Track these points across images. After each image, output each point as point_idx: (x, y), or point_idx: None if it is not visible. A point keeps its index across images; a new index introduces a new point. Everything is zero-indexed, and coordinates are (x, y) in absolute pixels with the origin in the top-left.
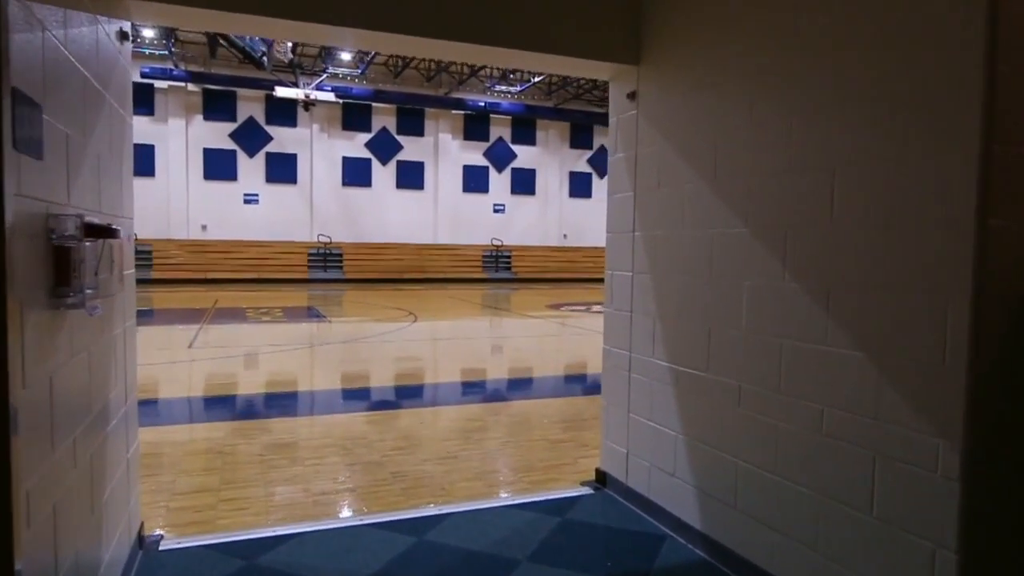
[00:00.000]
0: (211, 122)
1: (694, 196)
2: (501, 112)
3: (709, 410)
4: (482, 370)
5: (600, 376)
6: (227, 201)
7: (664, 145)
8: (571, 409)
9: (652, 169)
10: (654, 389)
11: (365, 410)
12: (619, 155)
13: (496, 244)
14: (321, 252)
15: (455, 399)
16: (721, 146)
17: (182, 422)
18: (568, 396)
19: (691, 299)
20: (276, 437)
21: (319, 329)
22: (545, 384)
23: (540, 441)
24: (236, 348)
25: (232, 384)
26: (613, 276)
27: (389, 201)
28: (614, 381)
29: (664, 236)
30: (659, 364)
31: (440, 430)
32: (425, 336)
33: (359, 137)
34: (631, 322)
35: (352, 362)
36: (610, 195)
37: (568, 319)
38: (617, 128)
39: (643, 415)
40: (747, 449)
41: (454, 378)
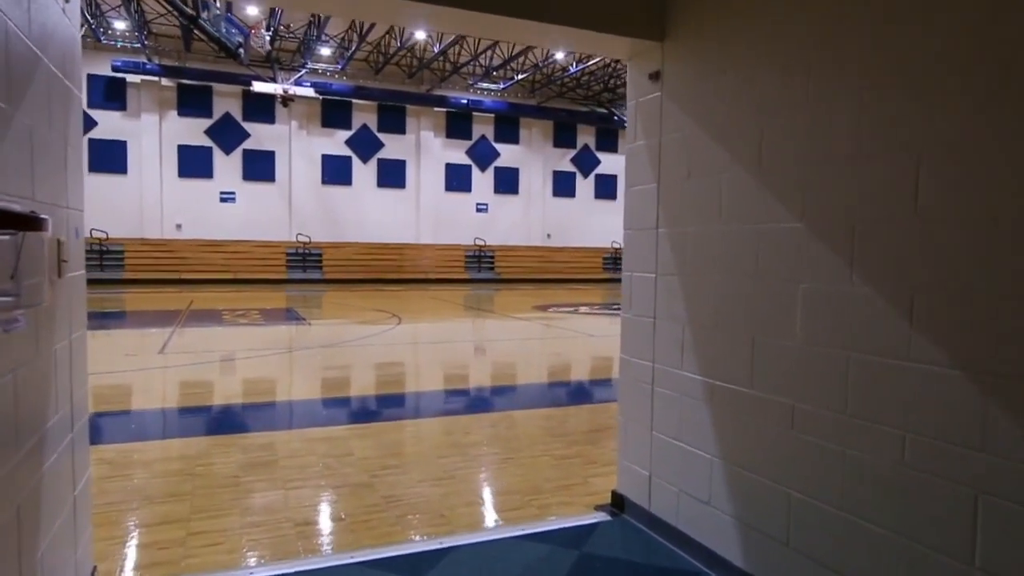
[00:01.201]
0: (186, 118)
1: (734, 187)
2: (484, 110)
3: (754, 432)
4: (474, 377)
5: (605, 384)
6: (203, 199)
7: (695, 130)
8: (574, 420)
9: (680, 157)
10: (683, 405)
11: (350, 422)
12: (639, 143)
13: (479, 244)
14: (300, 252)
15: (447, 409)
16: (769, 129)
17: (149, 438)
18: (569, 405)
19: (730, 304)
20: (254, 455)
21: (298, 332)
22: (542, 392)
23: (544, 457)
24: (211, 353)
25: (206, 394)
26: (632, 278)
27: (370, 200)
28: (634, 395)
29: (696, 233)
30: (690, 377)
31: (434, 445)
32: (410, 339)
33: (339, 134)
34: (654, 329)
35: (334, 368)
36: (628, 188)
37: (556, 321)
38: (636, 113)
39: (669, 434)
40: (803, 478)
41: (445, 385)
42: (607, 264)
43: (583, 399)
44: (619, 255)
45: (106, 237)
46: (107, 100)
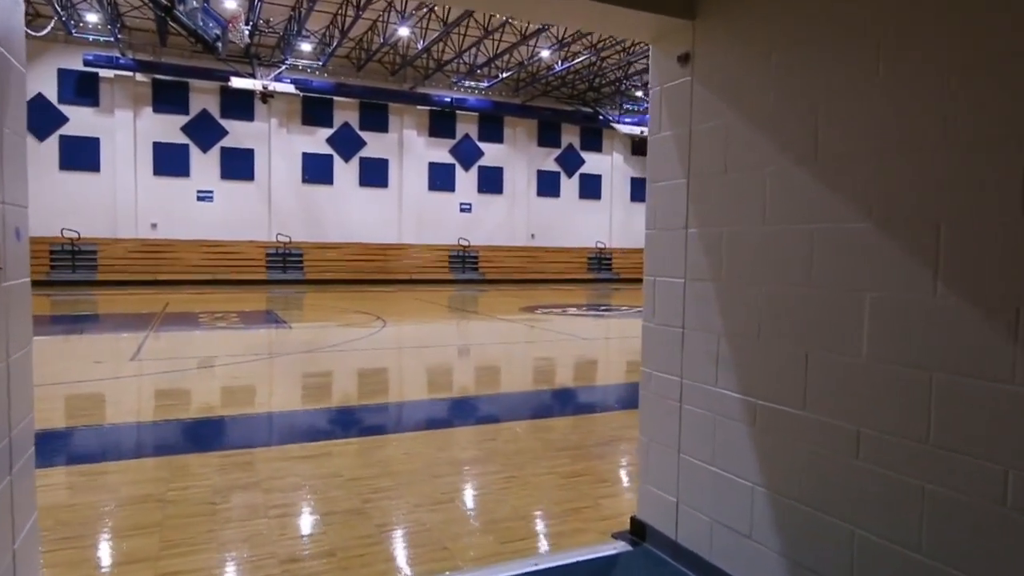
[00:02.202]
0: (161, 114)
1: (781, 182)
2: (468, 108)
3: (808, 459)
4: (466, 384)
5: (604, 391)
6: (179, 198)
7: (734, 118)
8: (577, 432)
9: (714, 149)
10: (719, 426)
11: (337, 436)
12: (664, 134)
13: (463, 244)
14: (280, 252)
15: (441, 421)
16: (828, 117)
17: (116, 457)
18: (570, 415)
19: (778, 315)
20: (232, 477)
21: (279, 336)
22: (540, 400)
23: (549, 475)
24: (186, 360)
25: (180, 406)
26: (656, 283)
27: (351, 199)
28: (657, 412)
29: (733, 234)
30: (727, 395)
31: (429, 462)
32: (396, 344)
33: (320, 132)
34: (683, 341)
35: (317, 375)
36: (651, 183)
37: (545, 323)
38: (661, 101)
39: (701, 457)
40: (872, 516)
41: (436, 394)
42: (591, 264)
43: (584, 408)
44: (604, 255)
45: (78, 237)
46: (79, 96)
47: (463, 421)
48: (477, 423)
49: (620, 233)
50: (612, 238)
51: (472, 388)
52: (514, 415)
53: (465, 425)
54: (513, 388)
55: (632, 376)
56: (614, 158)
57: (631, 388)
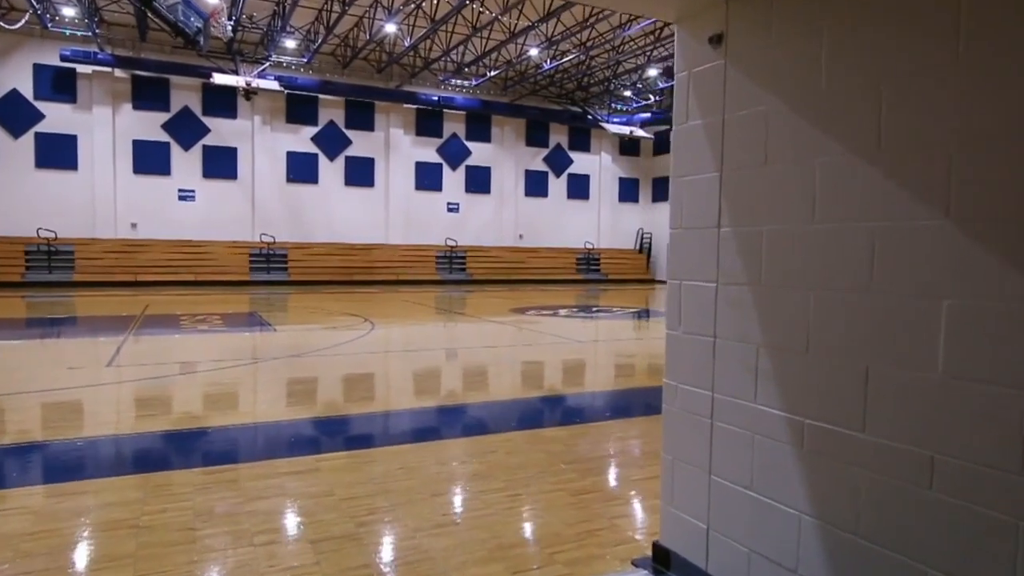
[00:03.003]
0: (141, 111)
1: (835, 175)
2: (455, 107)
3: (867, 488)
4: (462, 391)
5: (606, 398)
6: (160, 197)
7: (776, 105)
8: (582, 442)
9: (753, 139)
10: (758, 446)
11: (327, 449)
12: (692, 123)
13: (450, 244)
14: (264, 252)
15: (438, 431)
16: (893, 101)
17: (87, 476)
18: (571, 424)
19: (831, 324)
20: (214, 496)
21: (264, 340)
22: (540, 408)
23: (557, 492)
24: (165, 366)
25: (158, 416)
26: (682, 287)
27: (337, 199)
28: (684, 429)
29: (776, 233)
30: (768, 413)
31: (427, 478)
32: (386, 347)
33: (305, 131)
34: (714, 351)
35: (305, 382)
36: (675, 177)
37: (537, 325)
38: (688, 87)
39: (736, 480)
40: (949, 555)
41: (430, 402)
42: (580, 265)
43: (585, 416)
44: (592, 256)
45: (55, 237)
46: (55, 92)
47: (461, 431)
48: (476, 434)
49: (608, 234)
50: (600, 239)
51: (468, 395)
52: (514, 424)
53: (463, 436)
54: (510, 395)
55: (630, 382)
56: (602, 158)
57: (630, 394)
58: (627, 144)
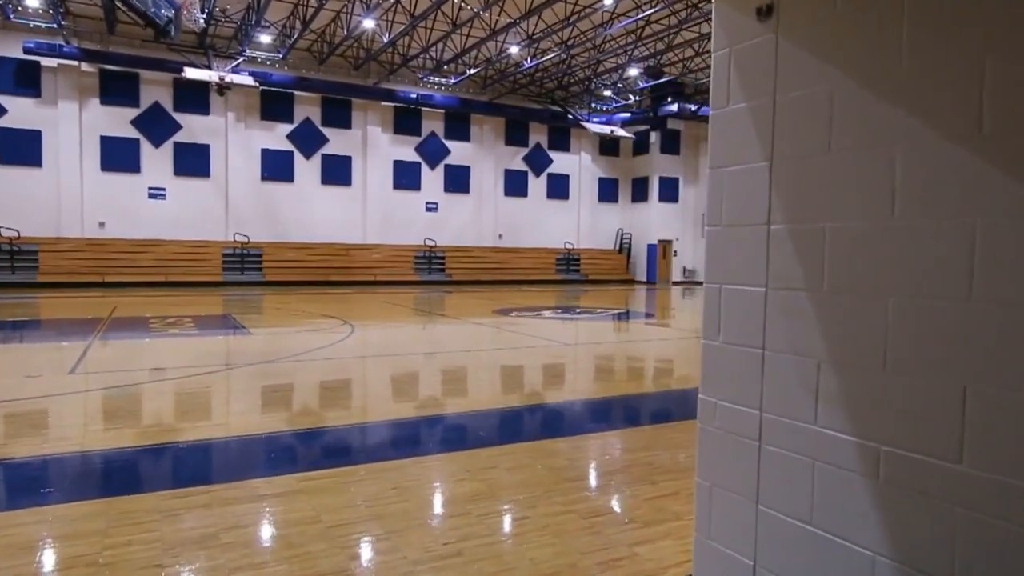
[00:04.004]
0: (110, 107)
1: (923, 162)
2: (434, 105)
3: (964, 528)
4: (452, 400)
5: (603, 405)
6: (129, 195)
7: (842, 83)
8: (584, 456)
9: (812, 123)
10: (820, 475)
11: (310, 467)
12: (735, 107)
13: (429, 244)
14: (238, 252)
15: (430, 444)
16: (999, 78)
17: (38, 503)
18: (571, 435)
19: (917, 336)
20: (185, 526)
21: (238, 344)
22: (536, 417)
23: (568, 514)
24: (133, 373)
25: (123, 432)
26: (722, 292)
27: (313, 198)
28: (725, 452)
29: (844, 230)
30: (833, 437)
31: (424, 500)
32: (368, 351)
33: (280, 128)
34: (763, 365)
35: (284, 390)
36: (714, 168)
37: (522, 327)
38: (730, 66)
39: (792, 513)
40: None
41: (421, 411)
42: (560, 266)
43: (585, 426)
44: (572, 256)
45: (17, 236)
46: (18, 86)
47: (455, 444)
48: (472, 447)
49: (588, 234)
50: (580, 239)
51: (459, 404)
52: (511, 436)
53: (458, 449)
54: (503, 403)
55: (626, 387)
56: (582, 158)
57: (628, 402)
58: (607, 144)
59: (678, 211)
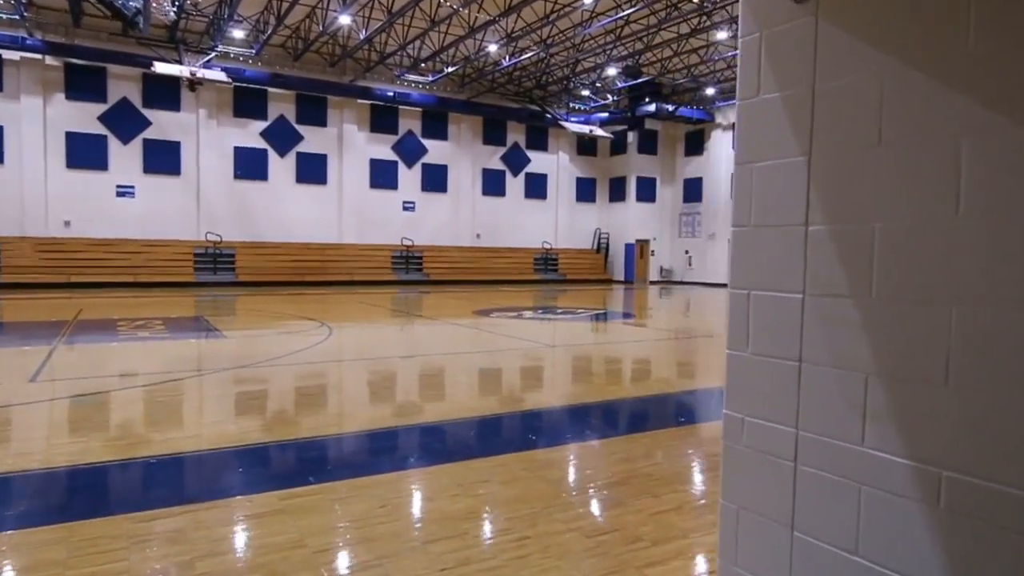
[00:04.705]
0: (75, 102)
1: (994, 154)
2: (411, 103)
3: None
4: (439, 406)
5: (594, 411)
6: (96, 194)
7: (895, 69)
8: (582, 467)
9: (859, 113)
10: (868, 501)
11: (292, 483)
12: (767, 96)
13: (406, 244)
14: (210, 252)
15: (419, 456)
16: None
17: None
18: (566, 443)
19: (988, 349)
20: (155, 554)
21: (211, 348)
22: (527, 425)
23: (570, 533)
24: (98, 380)
25: (87, 444)
26: (751, 299)
27: (288, 196)
28: (754, 472)
29: (898, 230)
30: (883, 459)
31: (415, 519)
32: (348, 355)
33: (253, 125)
34: (800, 379)
35: (260, 398)
36: (740, 165)
37: (503, 328)
38: (760, 52)
39: (834, 541)
40: None
41: (406, 420)
42: (538, 265)
43: (579, 433)
44: (550, 256)
45: None
46: None
47: (444, 456)
48: (462, 458)
49: (566, 234)
50: (558, 239)
51: (446, 411)
52: (502, 445)
53: (448, 461)
54: (492, 409)
55: (617, 391)
56: (560, 158)
57: (621, 406)
58: (585, 144)
59: (655, 211)
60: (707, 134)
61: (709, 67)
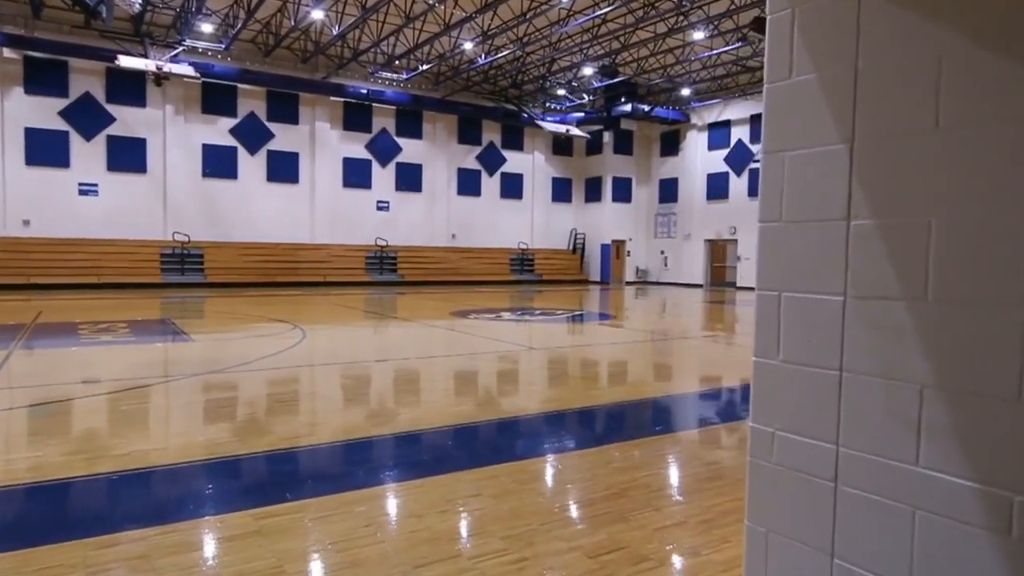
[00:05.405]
0: (35, 96)
1: None
2: (385, 101)
3: None
4: (421, 413)
5: (585, 416)
6: (57, 192)
7: (957, 46)
8: (576, 478)
9: (912, 95)
10: (925, 527)
11: (267, 501)
12: (801, 78)
13: (380, 244)
14: (177, 252)
15: (403, 468)
16: None
17: None
18: (558, 452)
19: None
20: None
21: (178, 352)
22: (515, 432)
23: (571, 553)
24: (58, 387)
25: (41, 459)
26: (782, 301)
27: (258, 196)
28: (787, 491)
29: (960, 224)
30: (943, 482)
31: (402, 540)
32: (324, 359)
33: (222, 122)
34: (841, 390)
35: (229, 405)
36: (769, 154)
37: (484, 330)
38: (793, 28)
39: (882, 571)
40: None
41: (388, 428)
42: (514, 266)
43: (570, 441)
44: (526, 256)
45: None
46: None
47: (430, 468)
48: (449, 469)
49: (542, 234)
50: (534, 239)
51: (430, 418)
52: (491, 455)
53: (435, 473)
54: (478, 417)
55: (606, 395)
56: (535, 157)
57: (611, 411)
58: (560, 144)
59: (631, 211)
60: (682, 134)
61: (685, 67)
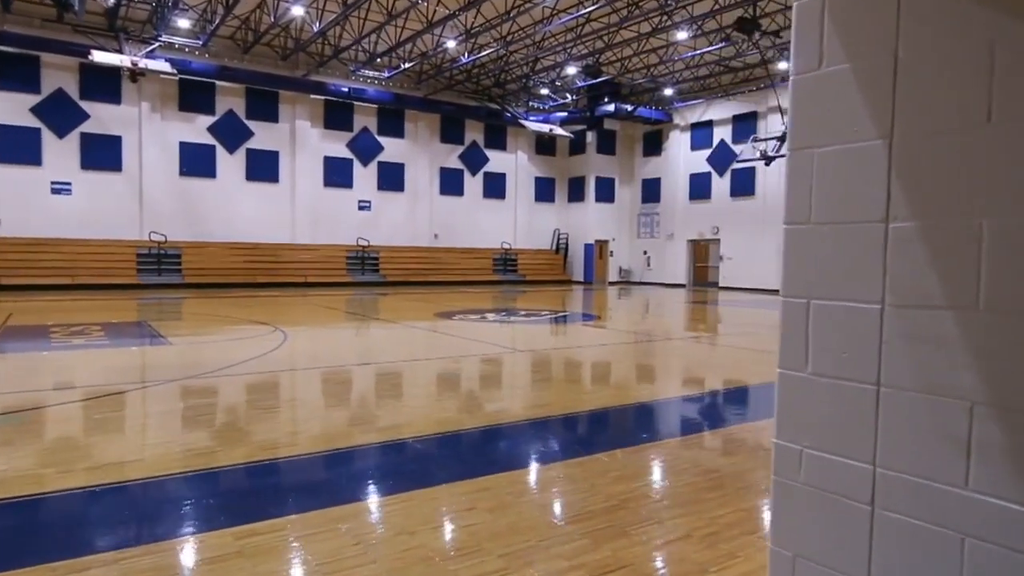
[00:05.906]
0: (5, 92)
1: None
2: (367, 100)
3: None
4: (411, 420)
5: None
6: (28, 190)
7: (1010, 30)
8: (572, 489)
9: (959, 85)
10: (976, 556)
11: (249, 518)
12: (832, 68)
13: (362, 244)
14: (153, 252)
15: (393, 479)
16: None
17: None
18: (552, 461)
19: None
20: None
21: (155, 356)
22: (507, 439)
23: (573, 572)
24: (26, 394)
25: (5, 476)
26: (811, 309)
27: (237, 195)
28: (817, 514)
29: (1013, 228)
30: (996, 507)
31: (396, 559)
32: (307, 363)
33: (200, 120)
34: (878, 406)
35: (209, 413)
36: (795, 150)
37: (469, 331)
38: (824, 15)
39: None
40: None
41: (377, 437)
42: (497, 266)
43: (564, 449)
44: (509, 256)
45: None
46: None
47: (421, 479)
48: (441, 481)
49: (525, 234)
50: (517, 239)
51: (419, 425)
52: (484, 465)
53: (426, 485)
54: (468, 423)
55: (598, 399)
56: (518, 157)
57: (604, 417)
58: (543, 143)
59: (614, 211)
60: (665, 134)
61: (668, 67)
